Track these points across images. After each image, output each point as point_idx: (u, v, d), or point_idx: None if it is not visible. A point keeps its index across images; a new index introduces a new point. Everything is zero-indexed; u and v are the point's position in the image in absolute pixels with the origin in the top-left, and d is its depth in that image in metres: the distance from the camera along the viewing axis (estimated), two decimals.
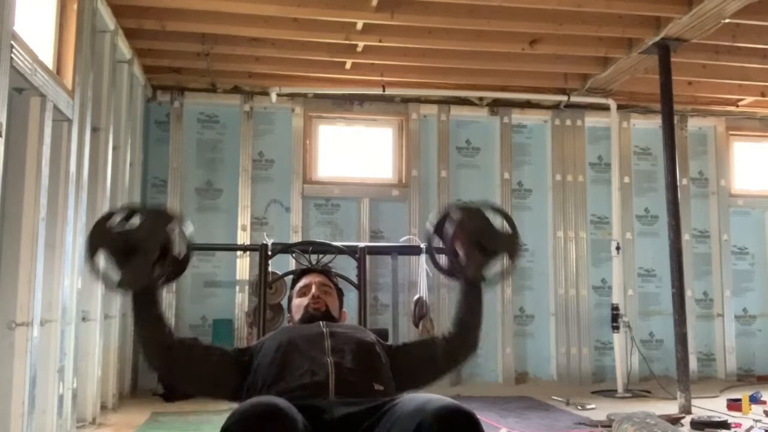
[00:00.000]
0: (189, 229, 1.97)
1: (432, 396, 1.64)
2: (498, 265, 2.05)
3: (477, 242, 2.00)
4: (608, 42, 5.04)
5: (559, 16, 4.59)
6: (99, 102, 4.17)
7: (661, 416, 3.87)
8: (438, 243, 2.06)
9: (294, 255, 4.35)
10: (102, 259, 1.87)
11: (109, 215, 1.91)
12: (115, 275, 1.86)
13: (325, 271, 2.42)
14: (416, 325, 5.11)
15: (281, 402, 1.57)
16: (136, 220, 1.89)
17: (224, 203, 5.75)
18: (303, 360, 1.90)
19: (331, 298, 2.26)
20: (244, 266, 5.59)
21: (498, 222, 2.06)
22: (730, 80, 5.74)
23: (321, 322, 2.08)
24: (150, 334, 1.91)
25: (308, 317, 2.16)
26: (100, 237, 1.87)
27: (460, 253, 2.00)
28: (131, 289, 1.89)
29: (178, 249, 1.94)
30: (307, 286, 2.26)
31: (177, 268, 1.96)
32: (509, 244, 2.06)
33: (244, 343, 5.29)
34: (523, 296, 6.04)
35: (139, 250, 1.84)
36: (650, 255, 6.18)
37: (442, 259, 2.08)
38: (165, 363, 1.93)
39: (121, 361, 4.74)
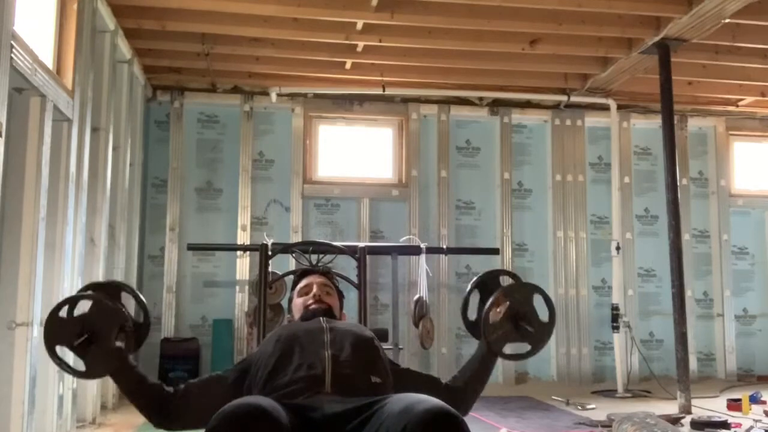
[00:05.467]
0: (138, 294, 2.02)
1: (421, 397, 1.63)
2: (520, 346, 2.06)
3: (514, 318, 2.02)
4: (608, 42, 5.04)
5: (559, 16, 4.59)
6: (99, 102, 4.17)
7: (661, 416, 3.87)
8: (476, 297, 2.12)
9: (294, 255, 4.34)
10: (64, 352, 1.86)
11: (58, 307, 1.90)
12: (82, 365, 1.86)
13: (326, 273, 2.42)
14: (416, 325, 5.10)
15: (266, 402, 1.58)
16: (86, 304, 1.89)
17: (224, 203, 5.75)
18: (301, 352, 1.91)
19: (332, 298, 2.26)
20: (244, 266, 5.59)
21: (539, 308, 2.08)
22: (730, 80, 5.74)
23: (321, 318, 2.08)
24: (141, 400, 1.96)
25: (309, 316, 2.16)
26: (56, 331, 1.85)
27: (494, 317, 2.03)
28: (102, 376, 1.93)
29: (135, 317, 1.98)
30: (309, 286, 2.27)
31: (140, 334, 1.99)
32: (541, 334, 2.05)
33: (244, 343, 5.33)
34: None
35: (97, 335, 1.83)
36: (650, 255, 6.17)
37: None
38: (165, 418, 1.96)
39: None
